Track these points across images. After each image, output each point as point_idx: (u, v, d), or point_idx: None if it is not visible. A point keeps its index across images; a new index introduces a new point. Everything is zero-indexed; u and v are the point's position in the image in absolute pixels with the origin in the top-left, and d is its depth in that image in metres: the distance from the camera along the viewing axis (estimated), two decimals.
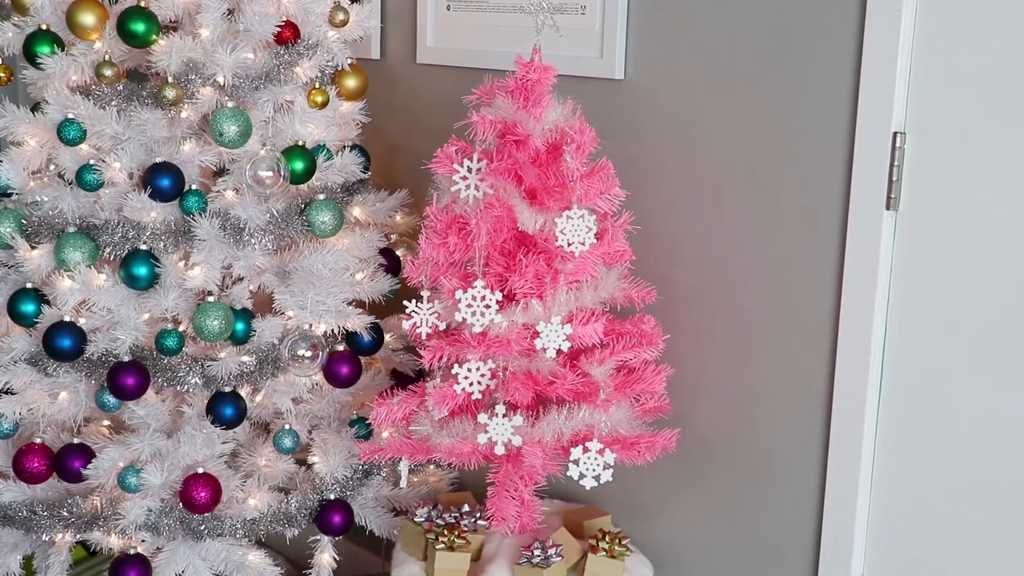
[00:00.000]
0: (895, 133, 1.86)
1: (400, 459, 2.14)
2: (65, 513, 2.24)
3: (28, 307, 2.18)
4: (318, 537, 2.37)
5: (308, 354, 2.17)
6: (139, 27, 2.06)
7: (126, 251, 2.13)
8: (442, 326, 2.00)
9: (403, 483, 2.20)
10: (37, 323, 2.18)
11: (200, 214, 2.13)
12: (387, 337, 2.39)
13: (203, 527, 2.20)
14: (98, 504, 2.23)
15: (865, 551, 2.04)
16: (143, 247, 2.13)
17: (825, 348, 2.01)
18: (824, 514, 2.05)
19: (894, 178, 1.87)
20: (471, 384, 1.96)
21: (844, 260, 1.95)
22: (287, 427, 2.27)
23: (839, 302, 1.97)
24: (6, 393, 2.22)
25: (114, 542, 2.23)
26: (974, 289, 1.83)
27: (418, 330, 2.00)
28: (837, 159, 1.94)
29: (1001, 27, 1.74)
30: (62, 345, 2.12)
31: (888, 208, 1.89)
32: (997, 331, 1.82)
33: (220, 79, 2.10)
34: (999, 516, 1.86)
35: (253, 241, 2.15)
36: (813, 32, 1.94)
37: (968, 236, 1.83)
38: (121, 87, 2.15)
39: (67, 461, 2.20)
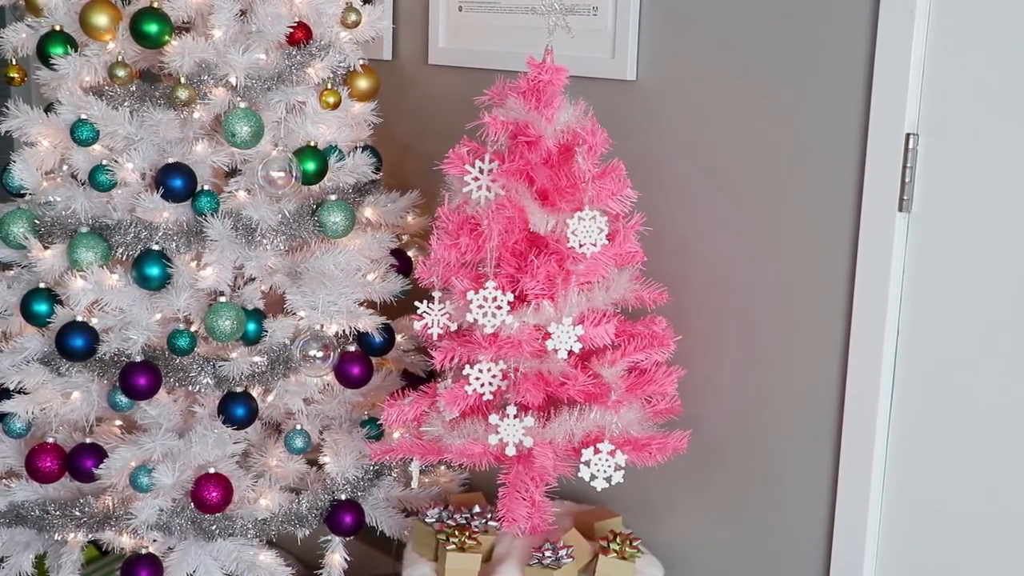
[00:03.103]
0: (908, 135, 1.85)
1: (411, 460, 2.14)
2: (77, 512, 2.25)
3: (41, 307, 2.18)
4: (329, 537, 2.37)
5: (319, 354, 2.17)
6: (152, 28, 2.07)
7: (138, 251, 2.14)
8: (453, 327, 2.00)
9: (414, 484, 2.20)
10: (50, 323, 2.18)
11: (212, 214, 2.13)
12: (398, 338, 2.40)
13: (214, 527, 2.21)
14: (110, 504, 2.24)
15: (877, 553, 2.03)
16: (155, 247, 2.13)
17: (837, 350, 2.01)
18: (836, 516, 2.05)
19: (907, 180, 1.87)
20: (482, 385, 1.96)
21: (856, 262, 1.95)
22: (298, 427, 2.28)
23: (851, 304, 1.97)
24: (19, 393, 2.22)
25: (126, 542, 2.24)
26: (987, 291, 1.83)
27: (429, 331, 2.00)
28: (850, 161, 1.94)
29: (1014, 28, 1.73)
30: (74, 345, 2.13)
31: (901, 210, 1.88)
32: (1010, 333, 1.81)
33: (232, 80, 2.10)
34: (1012, 517, 1.86)
35: (265, 242, 2.15)
36: (826, 33, 1.94)
37: (981, 238, 1.82)
38: (134, 88, 2.15)
39: (79, 461, 2.21)
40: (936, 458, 1.93)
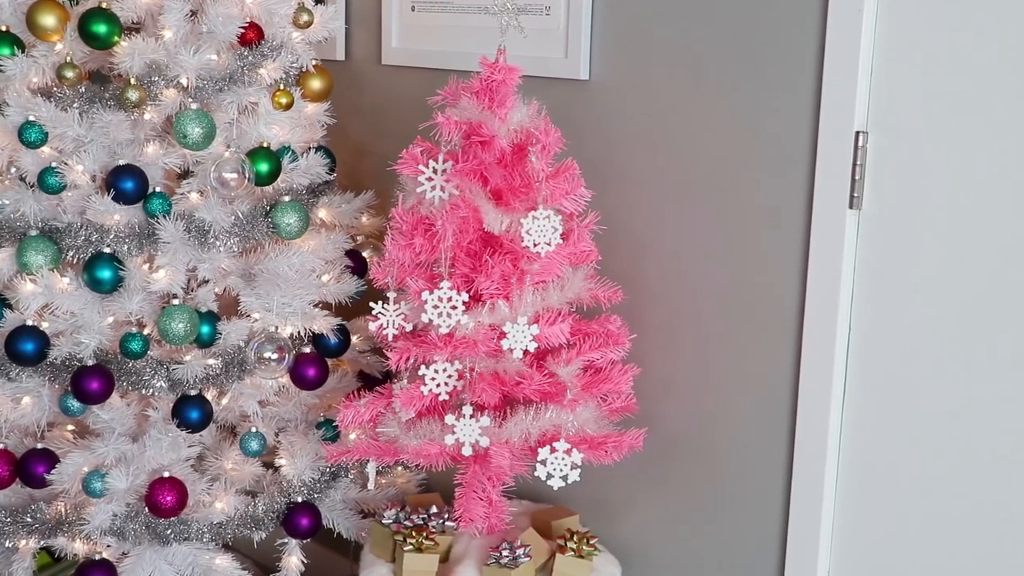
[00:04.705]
0: (858, 132, 1.87)
1: (368, 461, 2.13)
2: (29, 519, 2.22)
3: None
4: (286, 540, 2.35)
5: (274, 356, 2.16)
6: (101, 28, 2.05)
7: (89, 254, 2.11)
8: (409, 327, 2.00)
9: (371, 485, 2.20)
10: None
11: (164, 216, 2.11)
12: (354, 339, 2.39)
13: (169, 531, 2.19)
14: (63, 509, 2.21)
15: (831, 548, 2.05)
16: (107, 250, 2.11)
17: (790, 347, 2.03)
18: (790, 512, 2.07)
19: (857, 177, 1.89)
20: (438, 385, 1.96)
21: (808, 259, 1.97)
22: (254, 430, 2.26)
23: (804, 301, 1.99)
24: None
25: (79, 548, 2.21)
26: (937, 287, 1.85)
27: (384, 332, 2.00)
28: (801, 158, 1.96)
29: (962, 26, 1.76)
30: (25, 349, 2.11)
31: (851, 207, 1.90)
32: (960, 329, 1.83)
33: (183, 81, 2.08)
34: (964, 513, 1.88)
35: (218, 243, 2.14)
36: (776, 32, 1.96)
37: (931, 234, 1.84)
38: (83, 89, 2.13)
39: (31, 466, 2.18)
40: (888, 452, 1.96)
